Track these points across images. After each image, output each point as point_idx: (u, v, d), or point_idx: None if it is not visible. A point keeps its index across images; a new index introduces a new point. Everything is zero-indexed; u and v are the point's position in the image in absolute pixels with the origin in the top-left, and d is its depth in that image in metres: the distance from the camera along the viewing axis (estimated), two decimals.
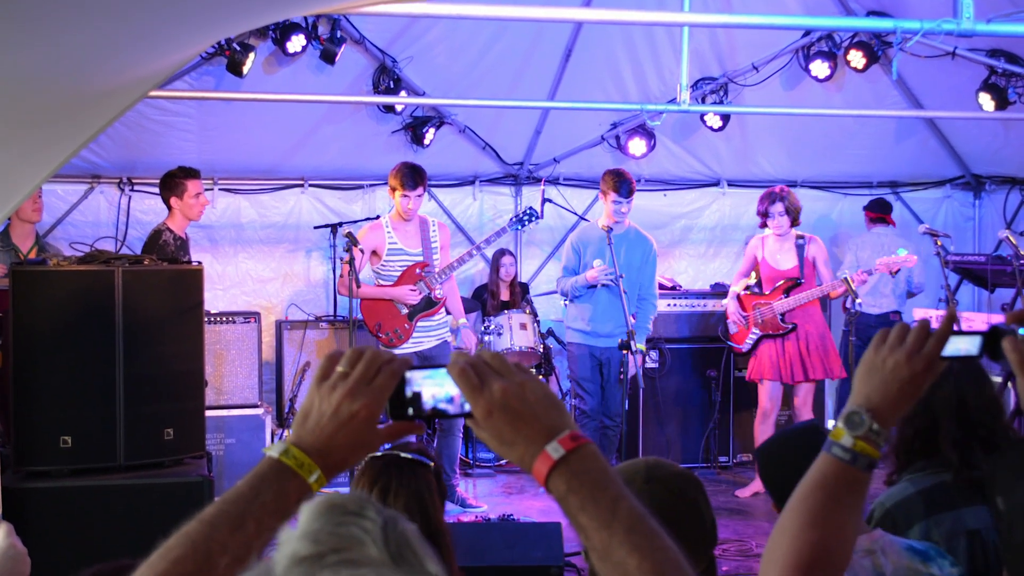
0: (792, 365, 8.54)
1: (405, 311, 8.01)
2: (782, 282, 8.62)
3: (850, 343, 8.15)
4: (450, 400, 1.59)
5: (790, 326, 8.54)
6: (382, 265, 8.02)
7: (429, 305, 8.07)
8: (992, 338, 2.01)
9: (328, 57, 8.39)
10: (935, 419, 3.54)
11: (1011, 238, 7.96)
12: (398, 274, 8.00)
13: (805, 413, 8.52)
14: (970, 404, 3.53)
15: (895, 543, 3.07)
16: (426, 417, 1.61)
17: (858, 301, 7.95)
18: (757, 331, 8.70)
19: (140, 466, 5.58)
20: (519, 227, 8.61)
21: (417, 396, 1.60)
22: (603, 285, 8.27)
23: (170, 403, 5.71)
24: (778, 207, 8.60)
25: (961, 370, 3.51)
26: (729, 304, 8.99)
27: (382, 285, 8.03)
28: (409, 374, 1.60)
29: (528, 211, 8.53)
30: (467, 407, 1.56)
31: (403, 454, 3.23)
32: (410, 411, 1.60)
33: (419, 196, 8.00)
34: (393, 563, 1.05)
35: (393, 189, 7.99)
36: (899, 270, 8.58)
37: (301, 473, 1.52)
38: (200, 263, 6.21)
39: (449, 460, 8.23)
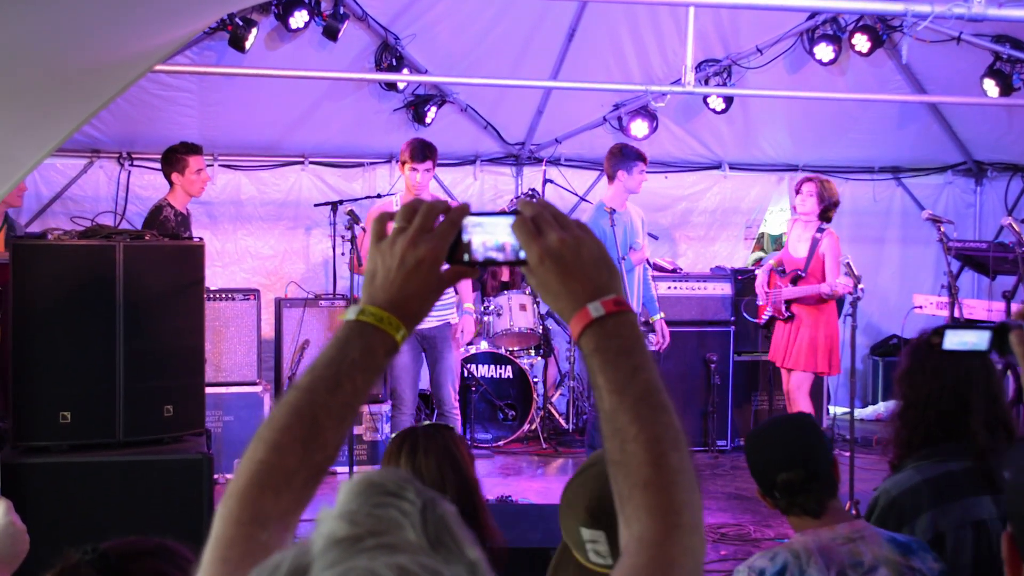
0: (785, 350, 8.54)
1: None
2: (792, 271, 8.61)
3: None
4: (501, 248, 1.61)
5: (788, 315, 8.53)
6: None
7: None
8: (1000, 333, 2.00)
9: (331, 33, 8.34)
10: (965, 401, 3.53)
11: (1013, 225, 7.93)
12: None
13: (798, 400, 8.46)
14: (994, 382, 3.56)
15: (878, 534, 3.09)
16: (480, 264, 1.63)
17: (860, 287, 7.90)
18: (771, 311, 8.71)
19: (139, 442, 5.54)
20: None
21: (470, 243, 1.62)
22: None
23: (170, 380, 5.67)
24: (808, 187, 8.48)
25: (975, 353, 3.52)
26: (759, 275, 8.96)
27: None
28: (466, 221, 1.62)
29: (531, 192, 8.49)
30: (521, 255, 1.58)
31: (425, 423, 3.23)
32: (466, 257, 1.62)
33: (427, 171, 7.89)
34: (431, 548, 1.03)
35: (403, 163, 7.90)
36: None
37: (382, 327, 1.55)
38: (201, 239, 6.16)
39: None
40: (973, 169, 11.31)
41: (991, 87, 8.80)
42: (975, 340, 2.08)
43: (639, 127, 9.99)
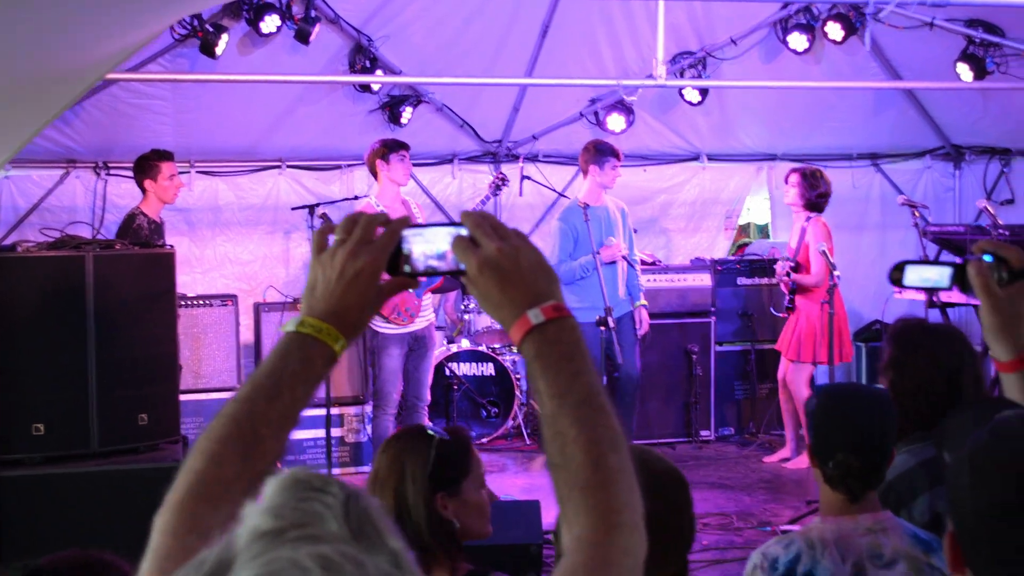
0: (788, 340, 8.62)
1: (412, 289, 7.92)
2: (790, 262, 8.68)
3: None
4: (441, 257, 1.64)
5: (790, 306, 8.59)
6: None
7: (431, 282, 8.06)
8: (962, 270, 2.00)
9: (303, 37, 8.32)
10: (957, 385, 3.53)
11: (989, 208, 7.95)
12: None
13: (798, 390, 8.47)
14: (979, 370, 3.57)
15: (901, 527, 3.04)
16: (420, 274, 1.67)
17: (836, 273, 7.92)
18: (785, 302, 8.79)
19: (114, 452, 5.54)
20: (497, 193, 8.55)
21: (411, 254, 1.65)
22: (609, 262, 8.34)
23: (144, 388, 5.66)
24: (792, 178, 8.71)
25: (960, 335, 3.55)
26: (778, 268, 9.00)
27: None
28: (406, 232, 1.65)
29: (500, 176, 8.50)
30: (460, 265, 1.61)
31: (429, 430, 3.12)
32: (406, 268, 1.66)
33: (407, 158, 7.96)
34: (353, 538, 1.04)
35: (381, 161, 7.89)
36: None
37: (321, 338, 1.59)
38: (172, 246, 6.16)
39: None
40: (951, 153, 11.31)
41: (965, 71, 8.81)
42: (936, 277, 2.07)
43: (616, 121, 9.98)
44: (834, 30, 8.84)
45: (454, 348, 9.52)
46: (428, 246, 1.65)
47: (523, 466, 9.16)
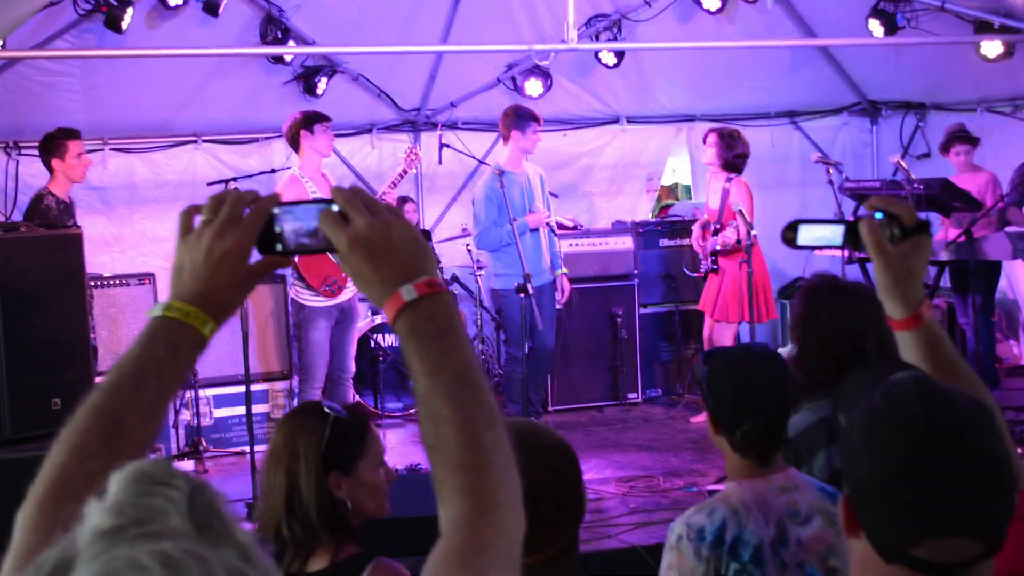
0: (713, 301, 8.64)
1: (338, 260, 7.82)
2: (712, 224, 8.69)
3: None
4: (313, 234, 1.60)
5: (714, 266, 8.61)
6: None
7: None
8: (854, 227, 1.99)
9: (211, 9, 8.20)
10: (858, 345, 3.53)
11: (902, 163, 8.03)
12: None
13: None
14: (885, 325, 3.53)
15: (808, 483, 3.05)
16: (293, 252, 1.63)
17: (753, 232, 7.96)
18: (704, 264, 8.78)
19: (27, 439, 5.45)
20: (404, 174, 8.43)
21: (282, 232, 1.61)
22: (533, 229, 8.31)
23: (55, 372, 5.59)
24: (710, 139, 8.72)
25: (872, 294, 3.51)
26: (694, 230, 9.01)
27: None
28: (276, 210, 1.61)
29: (414, 152, 8.40)
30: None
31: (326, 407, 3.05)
32: (278, 247, 1.62)
33: (330, 129, 7.92)
34: (197, 533, 1.01)
35: (305, 131, 7.77)
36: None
37: (188, 321, 1.55)
38: (79, 227, 6.07)
39: None
40: (868, 109, 11.41)
41: (876, 27, 8.87)
42: (829, 235, 2.06)
43: (533, 86, 9.96)
44: None
45: (378, 319, 9.46)
46: (299, 223, 1.61)
47: None
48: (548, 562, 2.25)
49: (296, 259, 7.62)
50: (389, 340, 9.49)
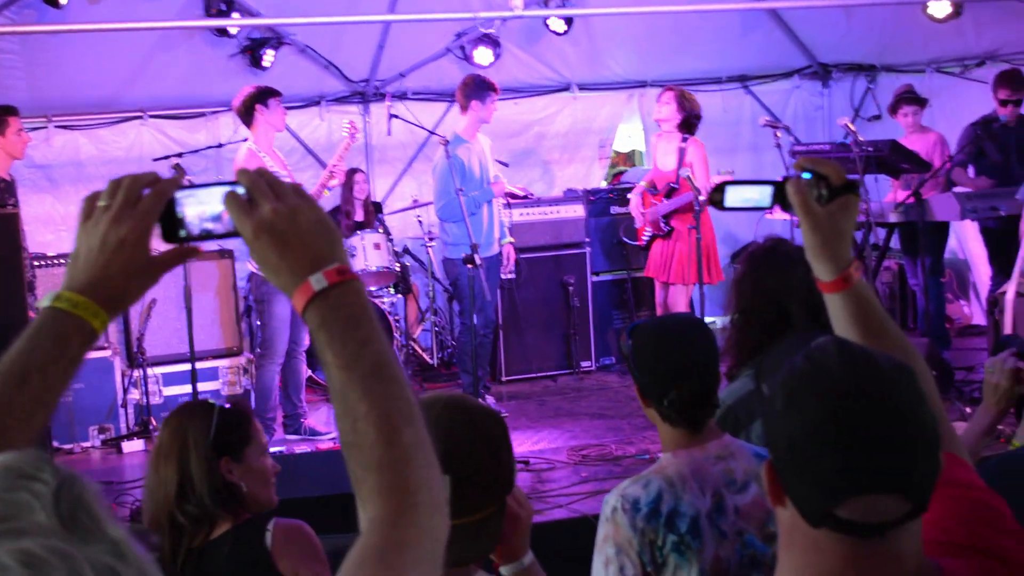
0: (664, 265, 8.59)
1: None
2: (665, 186, 8.63)
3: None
4: (218, 219, 1.54)
5: (667, 229, 8.57)
6: None
7: None
8: (781, 188, 1.96)
9: None
10: (783, 309, 3.49)
11: (850, 125, 8.02)
12: None
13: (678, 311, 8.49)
14: (816, 291, 3.44)
15: (744, 448, 3.02)
16: (197, 239, 1.56)
17: (701, 198, 7.94)
18: (650, 230, 8.72)
19: None
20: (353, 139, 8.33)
21: (184, 218, 1.55)
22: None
23: None
24: (666, 96, 8.59)
25: (804, 258, 3.44)
26: (632, 199, 8.96)
27: None
28: (178, 194, 1.54)
29: (350, 125, 8.31)
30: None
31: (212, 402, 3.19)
32: (182, 232, 1.55)
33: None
34: (63, 528, 0.98)
35: (261, 106, 7.66)
36: None
37: (78, 312, 1.48)
38: (16, 207, 5.98)
39: (295, 388, 8.05)
40: (819, 72, 11.42)
41: None
42: (757, 196, 2.03)
43: (483, 55, 9.89)
44: None
45: None
46: (203, 207, 1.55)
47: None
48: (477, 524, 2.25)
49: None
50: None
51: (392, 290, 9.76)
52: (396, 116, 9.52)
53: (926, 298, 8.47)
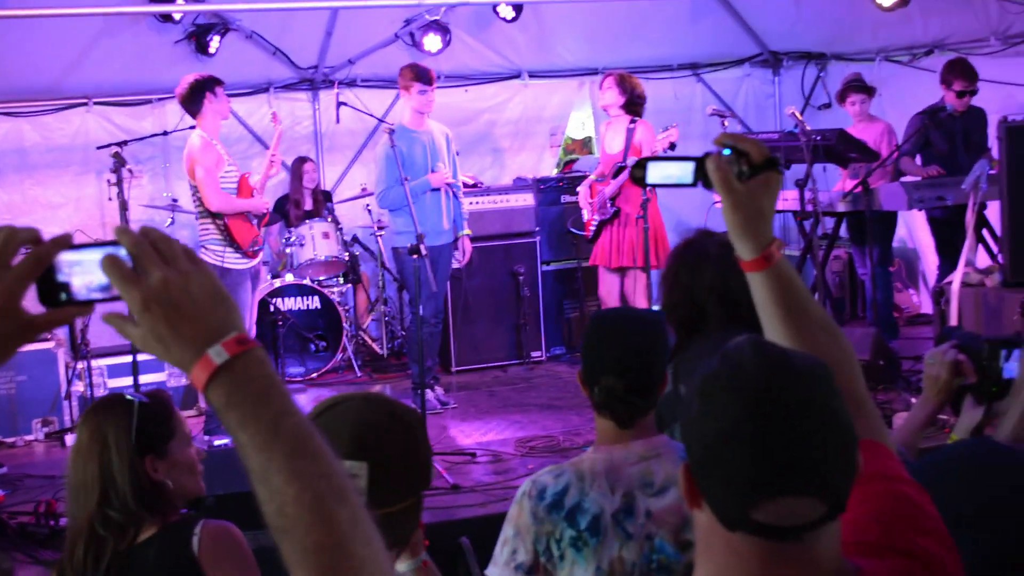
0: (613, 251, 8.53)
1: (254, 221, 7.68)
2: (613, 167, 8.58)
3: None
4: (105, 288, 1.41)
5: (613, 210, 8.52)
6: (222, 178, 7.52)
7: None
8: (702, 164, 1.92)
9: None
10: (700, 308, 3.43)
11: (797, 114, 8.00)
12: (235, 186, 7.60)
13: (637, 301, 8.44)
14: (733, 288, 3.37)
15: (675, 451, 2.97)
16: (82, 303, 1.43)
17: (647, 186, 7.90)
18: (597, 217, 8.67)
19: None
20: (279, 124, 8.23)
21: (69, 284, 1.42)
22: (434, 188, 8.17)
23: None
24: (607, 81, 8.62)
25: (720, 254, 3.38)
26: (581, 190, 8.94)
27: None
28: (62, 257, 1.41)
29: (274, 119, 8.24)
30: None
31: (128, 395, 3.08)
32: (63, 296, 1.42)
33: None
34: None
35: (209, 94, 7.53)
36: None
37: None
38: None
39: None
40: (769, 60, 11.42)
41: None
42: (679, 173, 1.98)
43: (432, 41, 9.82)
44: None
45: (278, 283, 9.31)
46: (88, 276, 1.42)
47: None
48: (396, 515, 2.24)
49: (226, 220, 7.43)
50: (289, 303, 9.35)
51: (342, 279, 9.71)
52: (344, 104, 9.46)
53: (874, 287, 8.49)
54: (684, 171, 1.97)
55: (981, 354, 3.05)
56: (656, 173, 2.01)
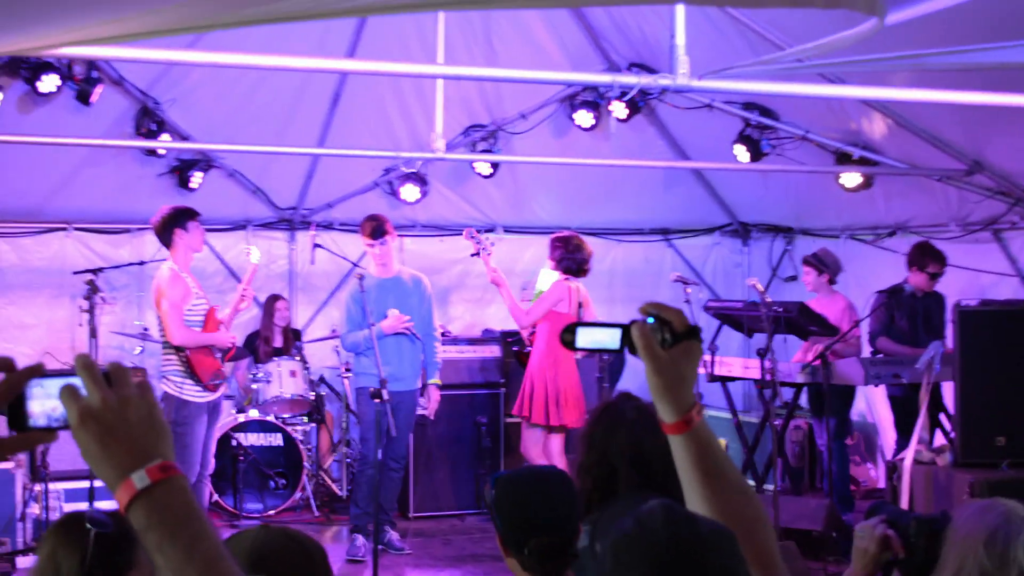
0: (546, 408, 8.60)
1: (218, 355, 7.76)
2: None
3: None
4: (61, 419, 1.50)
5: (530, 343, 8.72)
6: (189, 311, 7.67)
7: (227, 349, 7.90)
8: (628, 331, 2.00)
9: (83, 98, 8.17)
10: (613, 468, 3.51)
11: (758, 285, 8.19)
12: (202, 319, 7.72)
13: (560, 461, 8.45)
14: (646, 450, 3.49)
15: None
16: (48, 430, 1.52)
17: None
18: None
19: None
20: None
21: (31, 411, 1.51)
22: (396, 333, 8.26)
23: None
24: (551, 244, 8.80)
25: (636, 418, 3.48)
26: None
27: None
28: (32, 385, 1.50)
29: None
30: None
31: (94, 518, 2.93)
32: (31, 422, 1.51)
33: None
34: None
35: (180, 229, 7.68)
36: None
37: None
38: None
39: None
40: (739, 230, 11.69)
41: (741, 152, 9.08)
42: (607, 339, 2.06)
43: (410, 191, 10.04)
44: (619, 108, 9.06)
45: (242, 418, 9.34)
46: (53, 403, 1.51)
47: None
48: None
49: (188, 353, 7.51)
50: (252, 439, 9.36)
51: (306, 419, 9.74)
52: (319, 246, 9.63)
53: (830, 459, 8.57)
54: (612, 337, 2.05)
55: (909, 530, 3.13)
56: (585, 338, 2.09)
